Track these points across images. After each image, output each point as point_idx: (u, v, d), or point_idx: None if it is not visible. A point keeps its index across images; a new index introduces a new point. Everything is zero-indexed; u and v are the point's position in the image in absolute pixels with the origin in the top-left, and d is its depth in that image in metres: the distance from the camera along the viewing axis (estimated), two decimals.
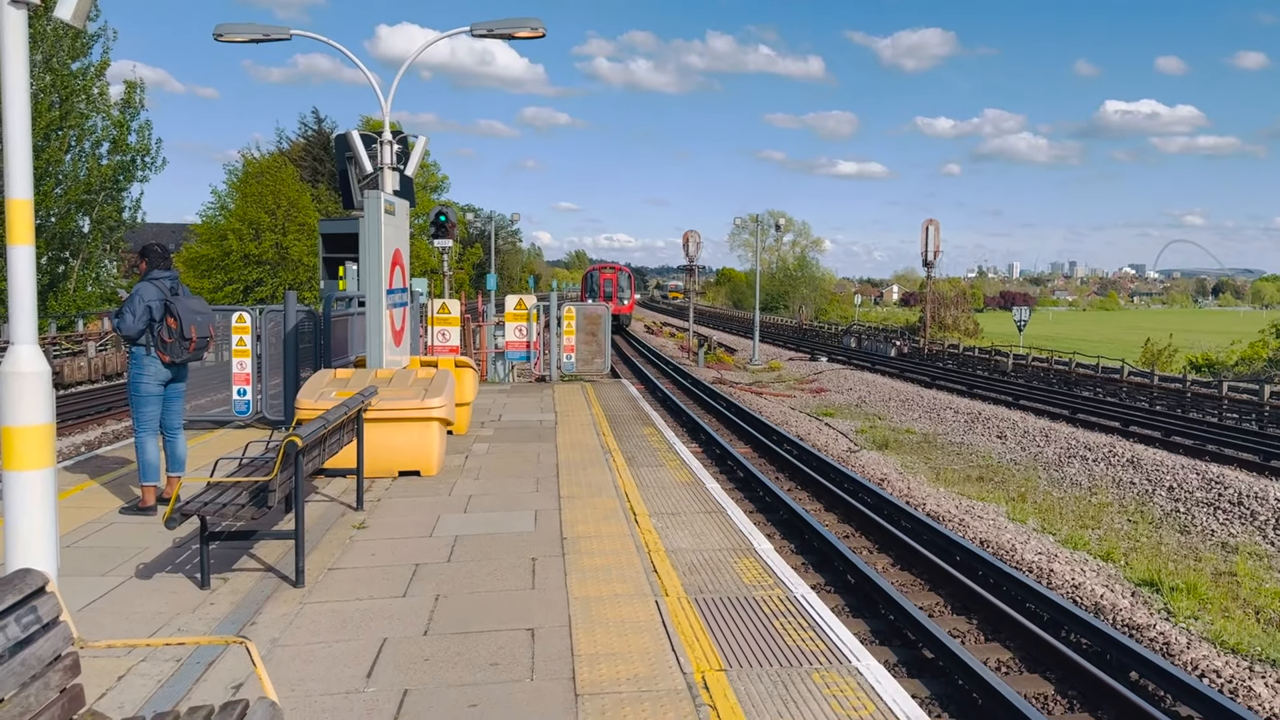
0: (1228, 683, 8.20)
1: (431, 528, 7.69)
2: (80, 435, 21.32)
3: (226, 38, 13.04)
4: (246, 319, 12.43)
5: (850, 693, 4.58)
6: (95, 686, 4.59)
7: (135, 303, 7.86)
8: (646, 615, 5.61)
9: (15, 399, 4.86)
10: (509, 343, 20.17)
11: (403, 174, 13.19)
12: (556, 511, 8.17)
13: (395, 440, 9.46)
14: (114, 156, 37.20)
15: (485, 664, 4.92)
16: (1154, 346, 45.32)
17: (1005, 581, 10.38)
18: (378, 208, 10.11)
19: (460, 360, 13.11)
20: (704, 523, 7.78)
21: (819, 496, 14.98)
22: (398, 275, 10.88)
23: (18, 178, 4.86)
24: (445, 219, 24.12)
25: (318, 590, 6.15)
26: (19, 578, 3.03)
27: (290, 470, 6.21)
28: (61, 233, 35.66)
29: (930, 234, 50.96)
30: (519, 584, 6.23)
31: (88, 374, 31.98)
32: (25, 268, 4.88)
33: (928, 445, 21.60)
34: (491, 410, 14.60)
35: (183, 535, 7.12)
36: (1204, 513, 14.88)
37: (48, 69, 33.56)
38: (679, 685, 4.65)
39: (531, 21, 12.91)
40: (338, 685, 4.68)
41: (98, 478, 9.48)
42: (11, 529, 4.92)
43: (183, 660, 4.96)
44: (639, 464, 10.23)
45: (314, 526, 7.55)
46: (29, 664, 2.87)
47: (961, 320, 65.42)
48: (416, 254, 48.92)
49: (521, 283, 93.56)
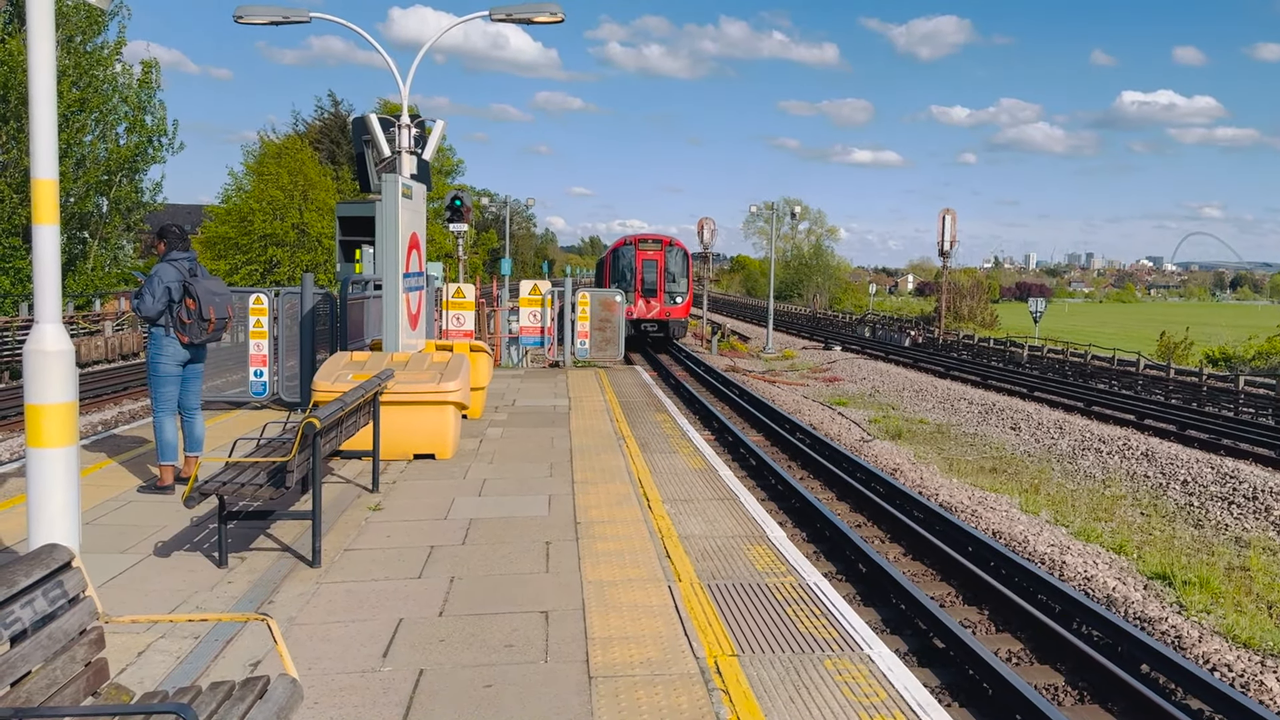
0: (1239, 677, 8.20)
1: (446, 510, 7.74)
2: (97, 414, 21.48)
3: (247, 19, 13.08)
4: (264, 301, 12.50)
5: (862, 680, 4.60)
6: (115, 662, 4.65)
7: (154, 284, 7.92)
8: (660, 600, 5.65)
9: (40, 377, 4.92)
10: (523, 328, 20.21)
11: (420, 158, 13.22)
12: (570, 496, 8.21)
13: (411, 423, 9.51)
14: (131, 137, 37.35)
15: (500, 645, 4.97)
16: (1170, 339, 45.07)
17: (1017, 573, 10.37)
18: (395, 191, 10.14)
19: (475, 345, 13.16)
20: (717, 509, 7.81)
21: (831, 485, 14.99)
22: (414, 259, 10.91)
23: (43, 157, 4.90)
24: (460, 203, 24.17)
25: (334, 570, 6.21)
26: (45, 552, 3.08)
27: (308, 451, 6.26)
28: (80, 213, 35.85)
29: (947, 223, 50.68)
30: (533, 567, 6.28)
31: (104, 353, 32.22)
32: (50, 246, 4.92)
33: (941, 436, 21.56)
34: (505, 395, 14.66)
35: (200, 514, 7.19)
36: (1218, 507, 14.82)
37: (68, 49, 33.67)
38: (692, 669, 4.69)
39: (550, 6, 12.90)
40: (354, 664, 4.73)
41: (116, 456, 9.57)
42: (35, 505, 4.99)
43: (201, 637, 5.02)
44: (652, 450, 10.26)
45: (330, 507, 7.61)
46: (55, 638, 2.92)
47: (978, 311, 65.10)
48: (431, 238, 49.01)
49: (535, 268, 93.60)
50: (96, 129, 35.92)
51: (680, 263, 37.96)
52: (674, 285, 37.58)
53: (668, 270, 37.14)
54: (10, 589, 2.80)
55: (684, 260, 38.23)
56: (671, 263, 37.52)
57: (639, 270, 37.21)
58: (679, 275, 37.74)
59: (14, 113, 32.02)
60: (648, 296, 37.09)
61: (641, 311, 36.78)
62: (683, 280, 37.90)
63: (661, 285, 37.15)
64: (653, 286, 37.00)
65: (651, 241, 38.36)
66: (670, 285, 37.52)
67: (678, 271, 37.53)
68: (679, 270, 37.53)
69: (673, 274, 37.53)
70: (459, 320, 18.93)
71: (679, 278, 37.74)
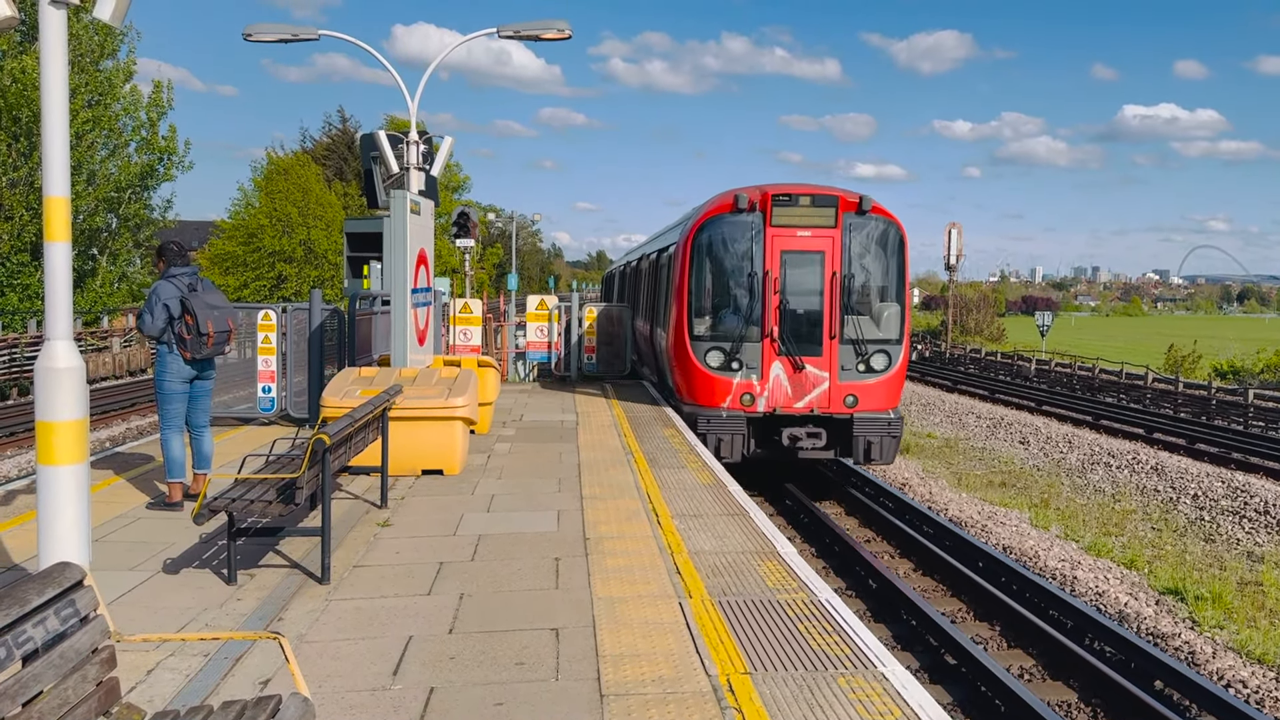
0: (1254, 693, 8.13)
1: (455, 526, 7.72)
2: (105, 430, 21.53)
3: (256, 37, 13.15)
4: (272, 317, 12.52)
5: (876, 697, 4.56)
6: (125, 680, 4.62)
7: (153, 302, 7.95)
8: (671, 616, 5.62)
9: (51, 394, 4.92)
10: (530, 343, 20.20)
11: (428, 174, 13.25)
12: (579, 511, 8.18)
13: (419, 439, 9.50)
14: (142, 155, 37.60)
15: (510, 663, 4.94)
16: (1178, 353, 44.94)
17: (1028, 588, 10.31)
18: (404, 207, 10.16)
19: (483, 360, 13.16)
20: (726, 525, 7.78)
21: (840, 501, 14.93)
22: (422, 274, 10.93)
23: (55, 175, 4.92)
24: (467, 219, 24.23)
25: (343, 587, 6.18)
26: (58, 571, 3.07)
27: (318, 467, 6.25)
28: (89, 229, 36.05)
29: (953, 237, 50.72)
30: (543, 583, 6.25)
31: (113, 369, 32.32)
32: (62, 263, 4.94)
33: (950, 450, 21.49)
34: (513, 410, 14.65)
35: (209, 531, 7.18)
36: (1229, 521, 14.73)
37: (79, 69, 33.92)
38: (704, 687, 4.65)
39: (558, 24, 12.96)
40: (364, 682, 4.71)
41: (124, 473, 9.57)
42: (46, 523, 4.98)
43: (210, 655, 5.00)
44: (661, 465, 10.23)
45: (339, 524, 7.59)
46: (67, 657, 2.91)
47: (985, 324, 64.98)
48: (437, 253, 48.99)
49: (541, 283, 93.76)
50: (108, 146, 36.16)
51: (882, 253, 14.18)
52: (865, 309, 14.09)
53: (849, 275, 13.87)
54: (23, 608, 2.79)
55: (891, 246, 14.17)
56: (858, 254, 13.99)
57: (773, 278, 13.61)
58: (879, 284, 14.33)
59: (25, 130, 32.24)
60: (797, 349, 13.67)
61: (780, 394, 13.77)
62: (891, 297, 14.26)
63: (834, 315, 13.69)
64: (811, 318, 13.74)
65: (808, 203, 13.66)
66: (858, 313, 13.97)
67: (875, 274, 14.23)
68: (879, 271, 14.21)
69: (862, 284, 14.17)
70: (466, 335, 18.95)
71: (879, 289, 14.32)
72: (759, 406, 13.19)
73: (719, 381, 13.19)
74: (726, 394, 13.15)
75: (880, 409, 13.29)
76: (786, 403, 13.15)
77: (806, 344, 13.23)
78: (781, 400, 13.20)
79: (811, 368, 13.22)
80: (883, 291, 13.80)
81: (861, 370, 13.26)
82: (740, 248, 13.27)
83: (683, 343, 13.50)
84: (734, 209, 13.26)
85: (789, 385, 13.14)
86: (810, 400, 13.14)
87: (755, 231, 13.17)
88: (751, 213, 13.19)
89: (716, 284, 13.55)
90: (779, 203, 13.10)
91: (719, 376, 13.20)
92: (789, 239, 13.20)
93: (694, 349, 13.34)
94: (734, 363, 13.19)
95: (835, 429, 13.32)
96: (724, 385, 13.18)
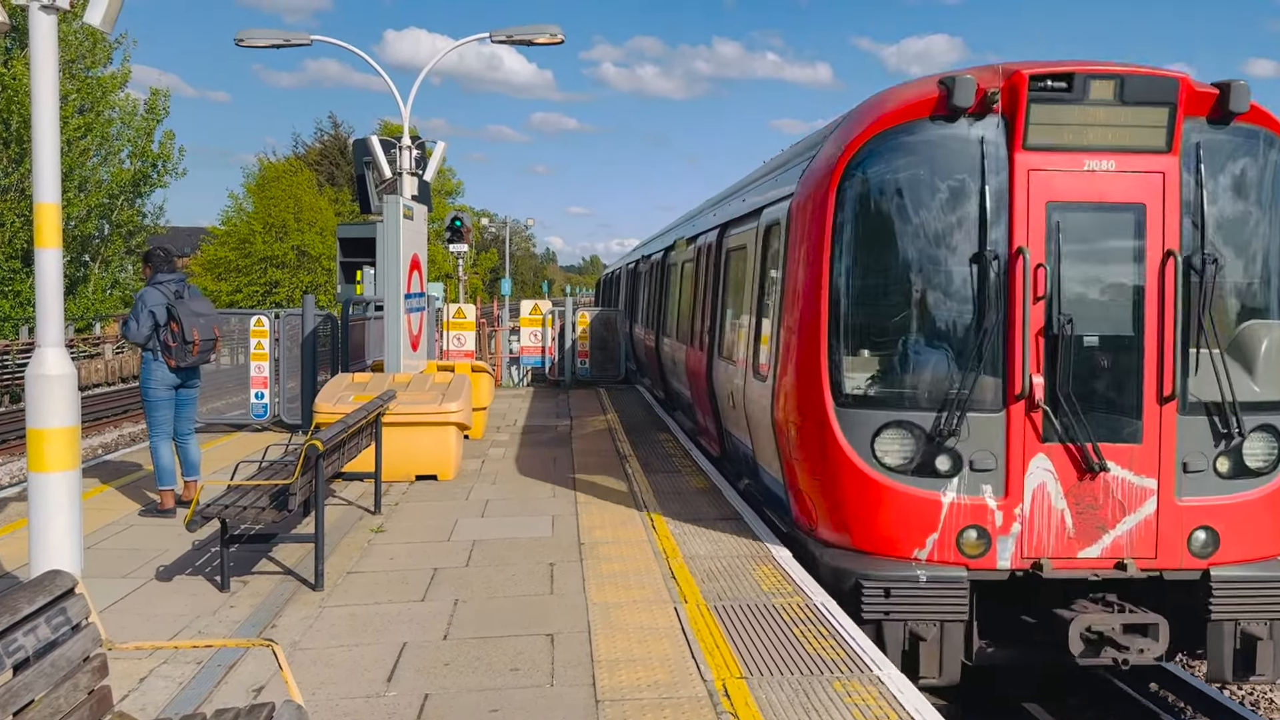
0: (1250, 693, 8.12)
1: (449, 532, 7.70)
2: (97, 437, 21.45)
3: (248, 42, 13.15)
4: (265, 323, 12.49)
5: (872, 702, 4.56)
6: (117, 689, 4.60)
7: (139, 309, 7.92)
8: (666, 621, 5.60)
9: (42, 401, 4.90)
10: (524, 348, 20.21)
11: (421, 179, 13.25)
12: (574, 516, 8.16)
13: (413, 444, 9.48)
14: (135, 162, 37.52)
15: (505, 669, 4.92)
16: None
17: None
18: (397, 212, 10.15)
19: (476, 365, 13.15)
20: (722, 529, 7.76)
21: None
22: (416, 280, 10.92)
23: (45, 182, 4.90)
24: (461, 224, 24.20)
25: (337, 593, 6.16)
26: (49, 579, 3.04)
27: (311, 474, 6.23)
28: (81, 236, 35.94)
29: None
30: (538, 589, 6.23)
31: (105, 376, 32.21)
32: (53, 270, 4.92)
33: None
34: (507, 415, 14.63)
35: (202, 538, 7.14)
36: None
37: (70, 75, 33.84)
38: (700, 692, 4.64)
39: (550, 28, 12.98)
40: (359, 689, 4.68)
41: (116, 480, 9.53)
42: (37, 530, 4.96)
43: (203, 662, 4.97)
44: (655, 470, 10.22)
45: (332, 530, 7.57)
46: (59, 665, 2.89)
47: None
48: (431, 259, 49.01)
49: (535, 288, 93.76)
50: (99, 153, 36.08)
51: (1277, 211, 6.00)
52: (1233, 337, 6.40)
53: (1206, 259, 6.00)
54: (13, 616, 2.76)
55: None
56: (1226, 211, 6.16)
57: (1031, 266, 6.05)
58: (1263, 277, 6.28)
59: (15, 136, 32.14)
60: (1088, 425, 6.09)
61: (1051, 526, 6.23)
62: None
63: (1168, 351, 6.09)
64: (1118, 358, 6.14)
65: (1111, 95, 5.97)
66: (1219, 346, 6.13)
67: (1260, 258, 6.22)
68: (1273, 250, 6.17)
69: (1236, 281, 6.33)
70: (460, 340, 18.94)
71: (1262, 289, 6.32)
72: (1002, 557, 6.23)
73: (908, 499, 6.27)
74: (927, 529, 6.23)
75: (1272, 554, 6.41)
76: (1064, 548, 6.21)
77: (1107, 414, 6.22)
78: (1054, 542, 6.22)
79: (1120, 469, 6.19)
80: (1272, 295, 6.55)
81: (1227, 472, 6.32)
82: (951, 199, 6.26)
83: (814, 406, 6.53)
84: (938, 112, 6.23)
85: (1070, 508, 6.20)
86: (1115, 542, 6.20)
87: (990, 161, 6.19)
88: (978, 118, 6.20)
89: (893, 280, 6.50)
90: (1043, 94, 6.08)
91: (907, 489, 6.28)
92: (1067, 179, 6.19)
93: (842, 423, 6.39)
94: (942, 457, 6.24)
95: (1174, 605, 6.28)
96: (920, 509, 6.25)
